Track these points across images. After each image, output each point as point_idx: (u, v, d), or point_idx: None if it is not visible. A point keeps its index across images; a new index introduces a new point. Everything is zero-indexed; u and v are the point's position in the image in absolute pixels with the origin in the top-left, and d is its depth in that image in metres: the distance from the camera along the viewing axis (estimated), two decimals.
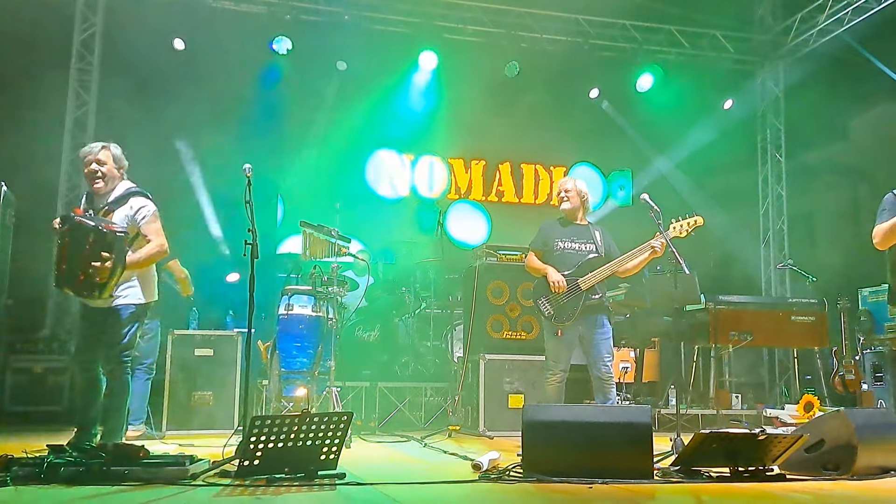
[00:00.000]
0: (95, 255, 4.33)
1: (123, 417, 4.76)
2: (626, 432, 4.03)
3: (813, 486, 3.75)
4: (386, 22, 10.28)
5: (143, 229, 4.60)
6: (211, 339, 7.06)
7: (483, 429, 6.81)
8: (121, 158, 4.74)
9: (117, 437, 4.62)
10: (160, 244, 4.63)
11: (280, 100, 9.93)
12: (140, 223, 4.60)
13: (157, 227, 4.66)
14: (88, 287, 4.41)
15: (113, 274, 4.41)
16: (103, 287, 4.41)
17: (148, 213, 4.63)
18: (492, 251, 7.64)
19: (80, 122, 9.21)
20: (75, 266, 4.38)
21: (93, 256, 4.33)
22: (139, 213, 4.61)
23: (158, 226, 4.67)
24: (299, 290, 6.48)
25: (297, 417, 3.71)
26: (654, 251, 5.17)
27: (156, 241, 4.62)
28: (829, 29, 10.10)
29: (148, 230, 4.61)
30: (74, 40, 9.29)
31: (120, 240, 4.43)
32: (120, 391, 4.67)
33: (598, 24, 10.74)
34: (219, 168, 9.05)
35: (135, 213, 4.61)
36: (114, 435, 4.61)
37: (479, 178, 11.36)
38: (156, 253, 4.63)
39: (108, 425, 4.64)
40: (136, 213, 4.61)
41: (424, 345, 8.63)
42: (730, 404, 8.00)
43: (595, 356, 5.26)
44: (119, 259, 4.41)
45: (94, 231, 4.37)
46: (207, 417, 6.80)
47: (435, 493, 3.65)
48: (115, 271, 4.41)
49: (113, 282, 4.44)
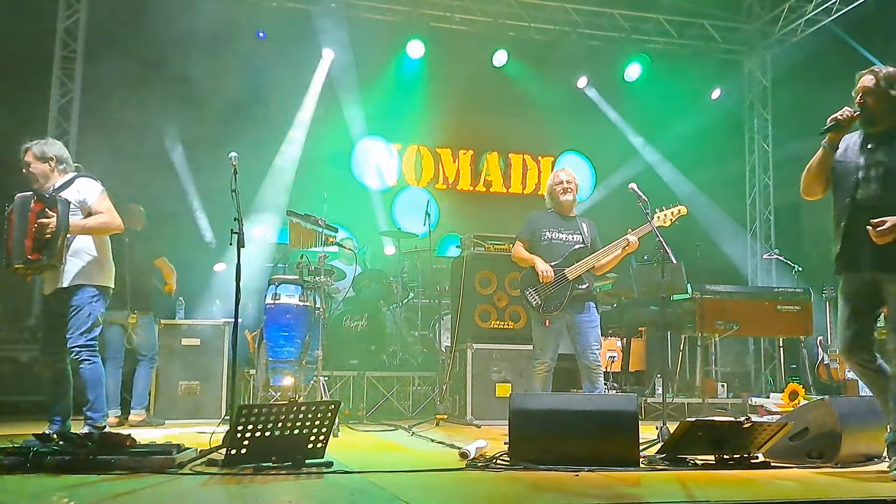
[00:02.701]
0: (41, 214, 4.48)
1: (104, 403, 4.80)
2: (613, 421, 4.05)
3: (797, 473, 3.79)
4: (373, 10, 10.22)
5: (94, 208, 4.68)
6: (198, 328, 7.05)
7: (470, 417, 6.83)
8: (46, 155, 4.79)
9: (101, 423, 4.70)
10: (110, 217, 4.70)
11: (266, 88, 9.88)
12: (89, 204, 4.69)
13: (106, 204, 4.73)
14: (37, 250, 4.51)
15: (57, 234, 4.50)
16: (50, 247, 4.50)
17: (95, 192, 4.72)
18: (480, 241, 7.63)
19: (65, 110, 9.12)
20: (21, 235, 4.53)
21: (39, 215, 4.48)
22: (85, 192, 4.71)
23: (108, 204, 4.74)
24: (286, 280, 6.46)
25: (285, 406, 3.71)
26: (628, 246, 5.20)
27: (105, 214, 4.68)
28: (816, 19, 10.12)
29: (99, 207, 4.69)
30: (58, 27, 9.18)
31: (63, 203, 4.55)
32: (92, 375, 4.71)
33: (586, 13, 10.71)
34: (204, 156, 9.00)
35: (81, 194, 4.69)
36: (95, 421, 4.68)
37: (467, 167, 11.35)
38: (104, 223, 4.68)
39: (89, 413, 4.71)
40: (81, 193, 4.70)
41: (412, 334, 8.63)
42: (716, 393, 8.06)
43: (583, 345, 5.28)
44: (63, 221, 4.51)
45: (35, 195, 4.56)
46: (194, 406, 6.80)
47: (422, 482, 3.66)
48: (59, 232, 4.50)
49: (59, 243, 4.52)
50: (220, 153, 5.04)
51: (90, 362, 4.71)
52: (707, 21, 11.02)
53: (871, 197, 3.80)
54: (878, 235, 3.64)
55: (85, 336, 4.68)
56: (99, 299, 4.77)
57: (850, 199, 3.85)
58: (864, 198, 3.81)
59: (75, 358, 4.68)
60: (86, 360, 4.69)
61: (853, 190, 3.85)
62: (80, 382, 4.72)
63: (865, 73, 3.91)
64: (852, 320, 3.89)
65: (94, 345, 4.74)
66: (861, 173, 3.85)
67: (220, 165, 5.04)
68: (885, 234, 3.63)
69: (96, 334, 4.77)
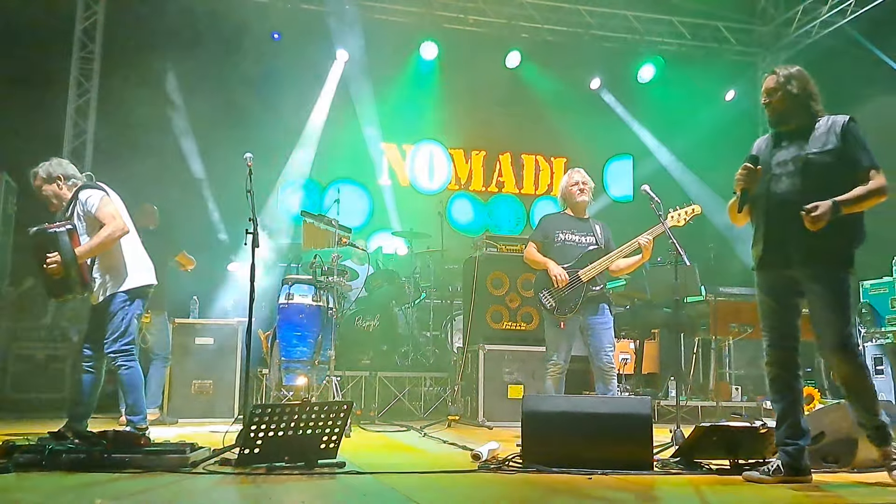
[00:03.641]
0: (43, 257, 4.55)
1: (143, 406, 4.86)
2: (627, 423, 4.03)
3: (813, 478, 3.75)
4: (386, 11, 10.25)
5: (98, 217, 4.70)
6: (211, 327, 7.08)
7: (482, 419, 6.82)
8: (52, 175, 4.82)
9: (142, 424, 4.76)
10: (112, 227, 4.68)
11: (281, 89, 9.92)
12: (93, 212, 4.71)
13: (108, 211, 4.72)
14: (60, 288, 4.62)
15: (68, 268, 4.55)
16: (70, 284, 4.58)
17: (95, 201, 4.72)
18: (492, 242, 7.63)
19: (82, 110, 9.20)
20: (42, 273, 4.62)
21: (44, 258, 4.55)
22: (87, 203, 4.73)
23: (111, 209, 4.74)
24: (300, 280, 6.48)
25: (297, 406, 3.72)
26: (641, 248, 5.17)
27: (108, 226, 4.68)
28: (831, 20, 10.07)
29: (101, 216, 4.69)
30: (76, 28, 9.26)
31: (61, 235, 4.57)
32: (129, 380, 4.76)
33: (599, 15, 10.71)
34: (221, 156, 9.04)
35: (84, 206, 4.73)
36: (136, 423, 4.75)
37: (480, 168, 11.34)
38: (107, 236, 4.67)
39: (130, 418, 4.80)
40: (85, 205, 4.73)
41: (424, 335, 8.64)
42: (730, 396, 8.00)
43: (597, 346, 5.26)
44: (66, 253, 4.55)
45: (35, 235, 4.61)
46: (208, 405, 6.83)
47: (434, 483, 3.65)
48: (69, 265, 4.55)
49: (73, 275, 4.57)
50: (236, 153, 5.08)
51: (127, 367, 4.74)
52: (721, 23, 10.99)
53: (790, 191, 3.75)
54: (812, 221, 3.57)
55: (119, 342, 4.71)
56: (131, 302, 4.79)
57: (766, 197, 3.84)
58: (783, 192, 3.78)
59: (112, 363, 4.74)
60: (122, 366, 4.72)
61: (769, 186, 3.83)
62: (120, 387, 4.84)
63: (769, 73, 3.97)
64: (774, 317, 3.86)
65: (129, 349, 4.76)
66: (778, 170, 3.83)
67: (236, 165, 5.07)
68: (818, 219, 3.56)
69: (132, 338, 4.80)
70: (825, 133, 3.77)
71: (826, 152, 3.74)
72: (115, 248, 4.78)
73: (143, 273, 4.90)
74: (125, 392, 4.81)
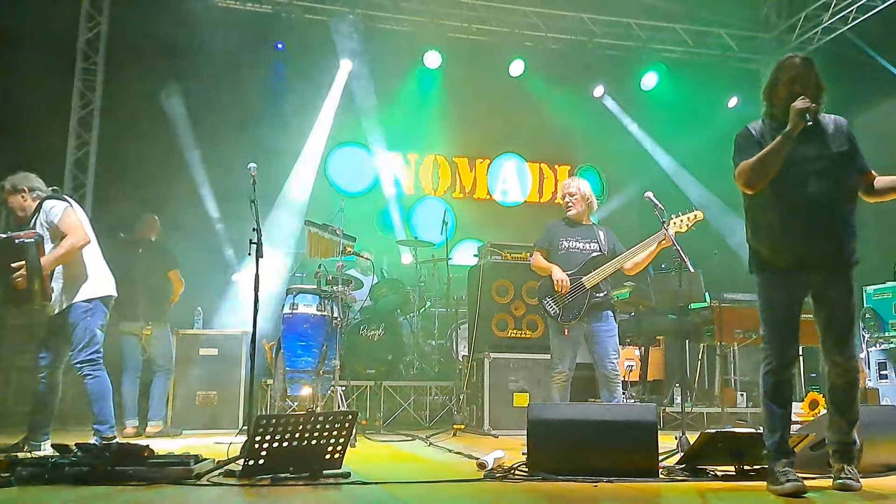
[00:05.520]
0: (8, 266, 4.61)
1: (109, 415, 4.91)
2: (632, 431, 4.02)
3: (819, 484, 3.73)
4: (390, 21, 10.29)
5: (61, 227, 4.77)
6: (215, 338, 7.08)
7: (488, 427, 6.80)
8: (17, 187, 4.93)
9: (108, 434, 4.83)
10: (75, 237, 4.76)
11: (285, 98, 9.95)
12: (56, 222, 4.78)
13: (70, 221, 4.80)
14: (22, 297, 4.67)
15: (32, 279, 4.62)
16: (32, 294, 4.64)
17: (59, 212, 4.80)
18: (497, 250, 7.62)
19: (85, 121, 9.24)
20: (4, 280, 4.67)
21: (9, 268, 4.61)
22: (51, 214, 4.81)
23: (74, 219, 4.82)
24: (304, 290, 6.48)
25: (302, 417, 3.71)
26: (663, 241, 5.12)
27: (70, 236, 4.75)
28: (833, 27, 10.08)
29: (65, 226, 4.78)
30: (79, 40, 9.31)
31: (29, 245, 4.63)
32: (95, 389, 4.84)
33: (602, 23, 10.73)
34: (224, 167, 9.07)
35: (48, 216, 4.80)
36: (102, 433, 4.82)
37: (484, 176, 11.34)
38: (69, 246, 4.74)
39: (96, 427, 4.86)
40: (48, 216, 4.80)
41: (429, 343, 8.62)
42: (735, 402, 7.97)
43: (601, 354, 5.25)
44: (32, 263, 4.62)
45: (2, 243, 4.66)
46: (212, 416, 6.82)
47: (440, 492, 3.64)
48: (33, 276, 4.62)
49: (36, 286, 4.63)
50: (240, 163, 5.09)
51: (93, 376, 4.85)
52: (724, 30, 11.00)
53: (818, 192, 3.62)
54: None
55: (84, 352, 4.82)
56: (93, 312, 4.88)
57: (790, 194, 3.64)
58: (812, 192, 3.61)
59: (79, 374, 4.84)
60: (88, 375, 4.84)
61: (793, 182, 3.63)
62: (87, 397, 4.88)
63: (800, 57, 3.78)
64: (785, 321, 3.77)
65: (94, 358, 4.87)
66: (808, 166, 3.64)
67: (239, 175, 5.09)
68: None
69: (97, 347, 4.90)
70: (835, 133, 3.71)
71: (844, 154, 3.69)
72: (77, 259, 4.86)
73: (103, 283, 4.99)
74: (91, 401, 4.86)
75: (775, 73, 3.83)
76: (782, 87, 3.75)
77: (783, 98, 3.73)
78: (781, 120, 3.71)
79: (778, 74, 3.80)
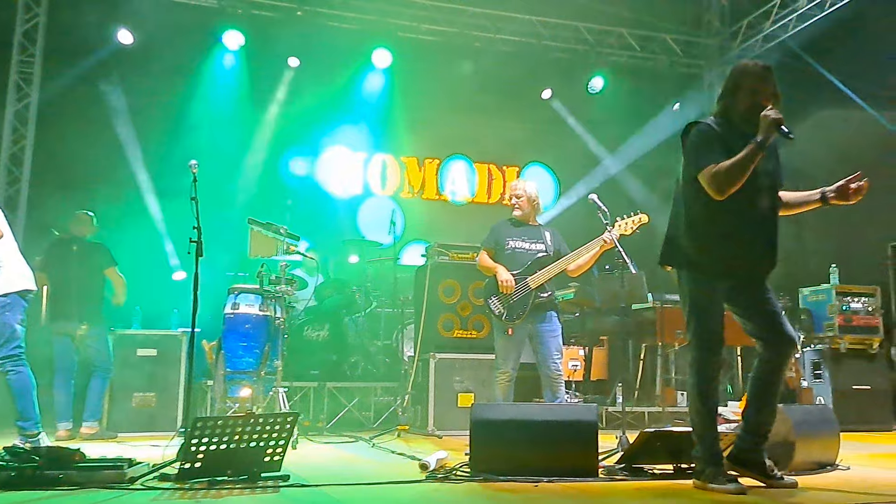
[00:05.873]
0: None
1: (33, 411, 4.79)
2: (573, 431, 4.06)
3: (752, 482, 3.81)
4: (339, 18, 10.20)
5: None
6: (154, 338, 6.90)
7: (432, 428, 6.79)
8: None
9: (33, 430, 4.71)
10: None
11: (230, 94, 9.79)
12: None
13: None
14: None
15: None
16: None
17: None
18: (444, 250, 7.61)
19: (21, 115, 8.94)
20: None
21: None
22: None
23: None
24: (246, 289, 6.37)
25: (241, 418, 3.65)
26: (605, 243, 5.19)
27: None
28: (774, 35, 10.34)
29: None
30: (16, 31, 9.01)
31: None
32: (18, 385, 4.73)
33: (551, 26, 10.82)
34: (165, 163, 8.88)
35: None
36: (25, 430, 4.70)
37: (433, 176, 11.33)
38: None
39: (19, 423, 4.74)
40: None
41: (375, 344, 8.57)
42: (675, 402, 8.11)
43: (545, 354, 5.29)
44: None
45: None
46: (149, 419, 6.65)
47: (380, 494, 3.62)
48: None
49: None
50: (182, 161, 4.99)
51: (15, 372, 4.74)
52: (668, 35, 11.19)
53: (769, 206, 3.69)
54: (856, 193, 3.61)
55: (5, 348, 4.71)
56: (11, 307, 4.77)
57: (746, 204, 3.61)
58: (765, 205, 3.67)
59: (0, 370, 4.72)
60: (10, 371, 4.73)
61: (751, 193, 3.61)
62: (10, 392, 4.75)
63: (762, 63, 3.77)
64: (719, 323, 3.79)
65: (16, 354, 4.76)
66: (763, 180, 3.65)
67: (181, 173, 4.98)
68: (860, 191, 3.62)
69: (18, 342, 4.78)
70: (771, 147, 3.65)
71: (778, 168, 3.77)
72: None
73: (18, 278, 4.87)
74: (14, 397, 4.75)
75: (738, 77, 3.73)
76: (744, 93, 3.66)
77: (746, 104, 3.64)
78: (738, 125, 3.66)
79: (740, 80, 3.70)
